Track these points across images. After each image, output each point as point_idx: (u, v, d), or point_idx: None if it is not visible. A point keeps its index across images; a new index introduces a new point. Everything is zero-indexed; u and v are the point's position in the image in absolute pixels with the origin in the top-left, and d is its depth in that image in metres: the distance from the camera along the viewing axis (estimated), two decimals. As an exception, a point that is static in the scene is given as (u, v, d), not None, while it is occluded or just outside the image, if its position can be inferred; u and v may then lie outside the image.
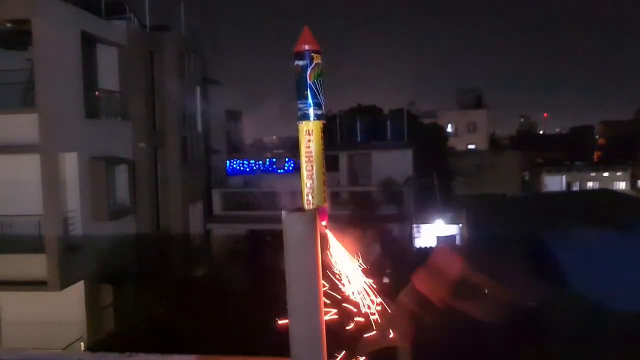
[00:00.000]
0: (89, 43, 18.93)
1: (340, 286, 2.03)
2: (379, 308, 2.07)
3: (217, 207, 24.50)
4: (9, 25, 16.62)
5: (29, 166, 16.08)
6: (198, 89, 25.19)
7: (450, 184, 37.67)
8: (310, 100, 1.93)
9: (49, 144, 15.95)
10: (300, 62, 1.92)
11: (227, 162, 32.17)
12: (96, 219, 17.69)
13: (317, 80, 1.93)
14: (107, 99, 20.21)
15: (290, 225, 1.80)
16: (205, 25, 28.23)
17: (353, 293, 2.04)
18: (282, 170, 34.22)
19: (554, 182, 64.60)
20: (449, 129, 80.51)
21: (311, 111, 1.94)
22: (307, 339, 1.81)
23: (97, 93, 19.56)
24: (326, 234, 1.98)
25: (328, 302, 1.96)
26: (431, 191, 30.50)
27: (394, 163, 28.40)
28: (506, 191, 37.87)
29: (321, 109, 1.96)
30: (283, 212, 1.82)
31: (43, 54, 15.93)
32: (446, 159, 40.48)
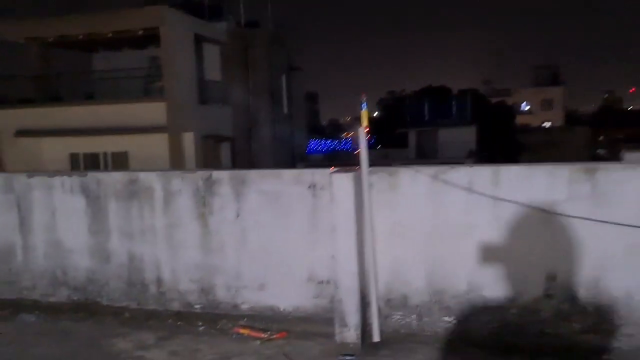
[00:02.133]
0: (198, 43, 23.25)
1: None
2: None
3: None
4: (140, 32, 21.13)
5: (159, 143, 20.60)
6: (284, 77, 29.20)
7: (515, 159, 39.86)
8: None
9: (174, 126, 20.38)
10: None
11: (309, 141, 36.20)
12: (208, 185, 22.07)
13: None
14: (213, 88, 24.54)
15: (337, 182, 5.29)
16: (291, 18, 32.00)
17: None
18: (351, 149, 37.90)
19: (635, 159, 64.15)
20: (524, 106, 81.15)
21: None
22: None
23: (205, 83, 23.90)
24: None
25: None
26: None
27: (459, 139, 31.43)
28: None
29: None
30: (331, 171, 5.26)
31: (168, 54, 20.30)
32: (513, 135, 42.51)
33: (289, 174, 4.82)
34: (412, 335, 4.59)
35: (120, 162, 21.66)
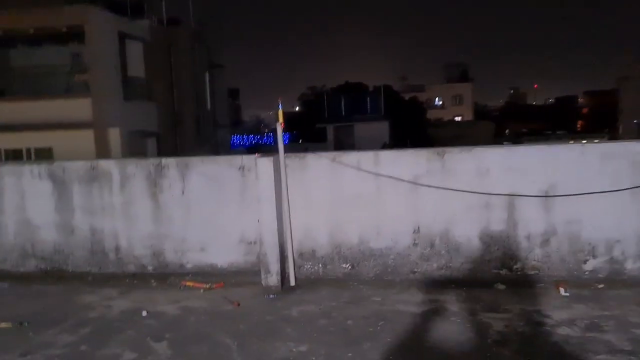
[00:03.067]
0: (121, 40, 23.82)
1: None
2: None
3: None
4: (64, 29, 21.50)
5: (85, 138, 21.11)
6: (206, 74, 30.12)
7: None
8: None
9: (99, 121, 20.98)
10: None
11: (232, 136, 37.20)
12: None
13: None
14: (137, 85, 25.16)
15: (261, 164, 6.73)
16: (213, 15, 32.88)
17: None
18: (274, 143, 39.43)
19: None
20: (437, 101, 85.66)
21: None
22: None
23: (130, 80, 24.50)
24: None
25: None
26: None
27: (373, 133, 33.58)
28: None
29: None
30: (256, 156, 6.74)
31: (92, 51, 20.87)
32: (424, 128, 45.49)
33: (223, 159, 6.21)
34: (319, 280, 6.11)
35: (44, 158, 21.92)
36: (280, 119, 6.02)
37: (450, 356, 4.19)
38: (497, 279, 5.72)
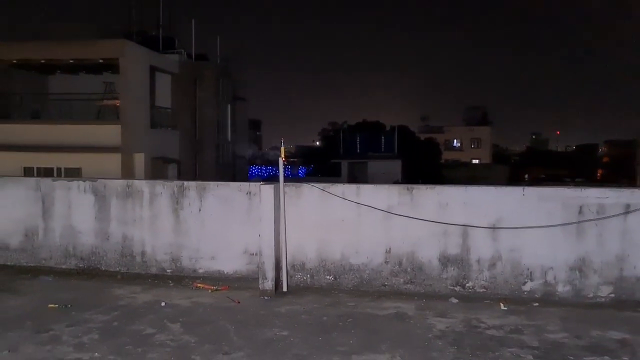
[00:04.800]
0: (152, 72, 25.72)
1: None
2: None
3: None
4: (100, 61, 23.44)
5: (111, 161, 22.78)
6: (229, 106, 31.93)
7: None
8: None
9: (127, 147, 22.66)
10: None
11: (250, 167, 38.90)
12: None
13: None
14: (163, 114, 26.97)
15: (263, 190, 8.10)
16: (237, 52, 34.90)
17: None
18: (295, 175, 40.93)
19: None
20: (455, 143, 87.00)
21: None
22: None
23: (157, 109, 26.32)
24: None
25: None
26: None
27: (386, 170, 34.88)
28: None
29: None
30: (260, 183, 8.13)
31: (125, 83, 22.70)
32: (437, 168, 46.78)
33: (234, 184, 7.60)
34: (307, 288, 7.38)
35: (73, 177, 23.62)
36: (282, 155, 7.40)
37: (397, 341, 5.43)
38: (452, 294, 6.95)
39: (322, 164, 42.00)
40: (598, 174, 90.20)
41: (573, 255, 6.72)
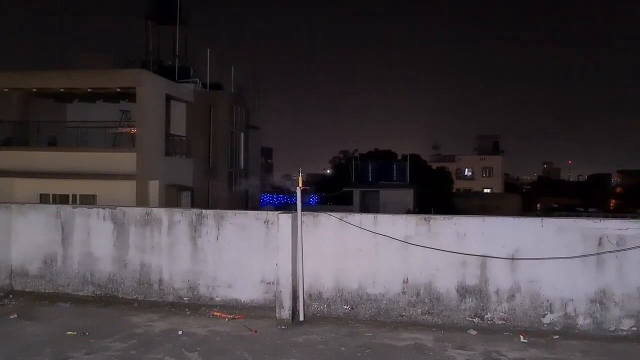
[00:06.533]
0: (167, 101, 26.11)
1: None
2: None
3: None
4: (118, 90, 23.86)
5: (126, 188, 22.98)
6: (242, 135, 32.22)
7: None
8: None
9: (142, 174, 22.87)
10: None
11: (262, 195, 39.01)
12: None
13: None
14: (177, 142, 27.26)
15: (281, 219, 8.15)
16: (250, 81, 35.33)
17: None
18: (306, 203, 41.05)
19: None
20: (466, 172, 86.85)
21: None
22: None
23: (171, 137, 26.62)
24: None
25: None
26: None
27: (398, 199, 34.85)
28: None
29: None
30: (278, 212, 8.16)
31: (142, 111, 23.04)
32: (449, 197, 46.67)
33: (252, 213, 7.64)
34: (324, 317, 7.35)
35: (88, 204, 23.83)
36: (300, 184, 7.45)
37: (416, 375, 5.39)
38: (471, 325, 6.89)
39: (333, 193, 42.06)
40: (612, 204, 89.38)
41: (593, 287, 6.65)
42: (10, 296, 8.28)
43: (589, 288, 6.66)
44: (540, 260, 6.71)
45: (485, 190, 78.71)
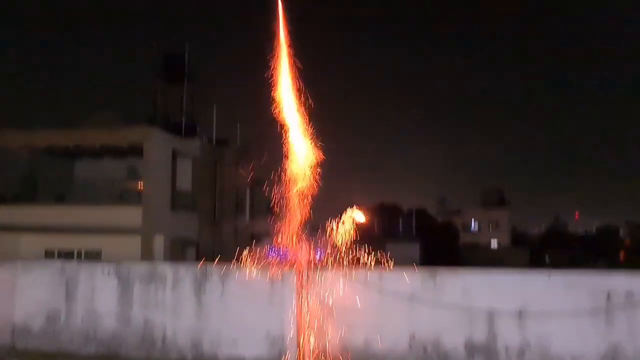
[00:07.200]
0: (174, 156, 26.40)
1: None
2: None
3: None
4: (125, 146, 24.19)
5: (131, 243, 22.94)
6: (247, 189, 32.43)
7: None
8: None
9: (147, 229, 22.89)
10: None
11: (268, 249, 38.83)
12: (174, 284, 24.23)
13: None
14: (183, 196, 27.41)
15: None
16: (256, 135, 35.80)
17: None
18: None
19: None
20: (473, 226, 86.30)
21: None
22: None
23: (177, 192, 26.79)
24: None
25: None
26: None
27: (404, 254, 34.56)
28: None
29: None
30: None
31: (149, 167, 23.26)
32: (455, 252, 46.24)
33: (256, 270, 7.60)
34: (330, 375, 7.20)
35: (93, 260, 23.69)
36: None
37: None
38: (480, 384, 6.73)
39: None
40: (621, 257, 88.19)
41: (604, 343, 6.54)
42: (12, 355, 8.19)
43: (599, 344, 6.55)
44: (549, 315, 6.61)
45: (492, 244, 77.87)
